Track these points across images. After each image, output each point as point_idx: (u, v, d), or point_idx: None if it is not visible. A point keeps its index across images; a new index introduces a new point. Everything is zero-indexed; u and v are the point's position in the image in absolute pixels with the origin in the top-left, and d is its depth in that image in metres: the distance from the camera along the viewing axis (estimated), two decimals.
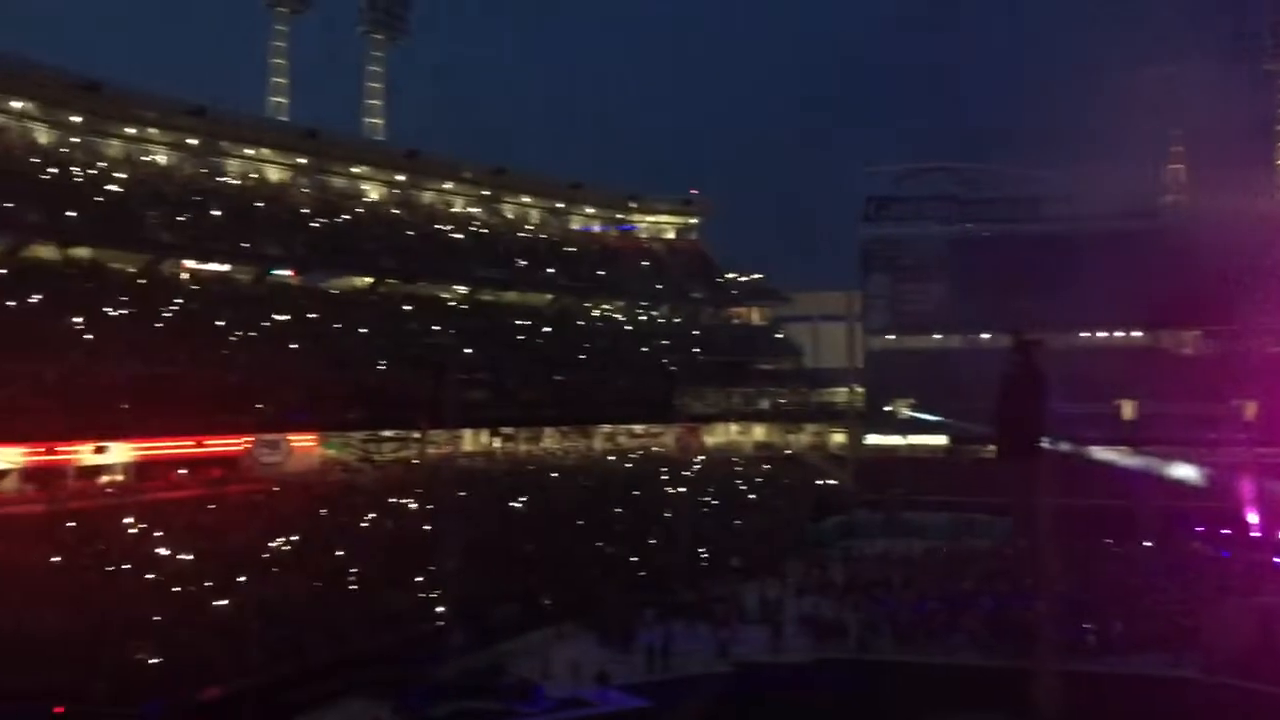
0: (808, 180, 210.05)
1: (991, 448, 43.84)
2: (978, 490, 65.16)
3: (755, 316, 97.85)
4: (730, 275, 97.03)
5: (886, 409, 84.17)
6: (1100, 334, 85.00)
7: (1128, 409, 72.76)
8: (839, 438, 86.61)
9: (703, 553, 55.49)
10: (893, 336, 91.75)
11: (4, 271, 50.35)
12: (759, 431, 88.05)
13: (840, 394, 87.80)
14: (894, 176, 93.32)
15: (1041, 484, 30.41)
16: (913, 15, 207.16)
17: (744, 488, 72.50)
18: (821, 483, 79.02)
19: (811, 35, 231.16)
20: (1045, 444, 29.55)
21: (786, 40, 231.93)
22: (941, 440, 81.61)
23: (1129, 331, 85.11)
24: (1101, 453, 58.71)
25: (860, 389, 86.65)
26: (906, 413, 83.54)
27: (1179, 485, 57.36)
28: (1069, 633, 37.49)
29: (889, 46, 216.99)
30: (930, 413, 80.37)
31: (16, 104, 58.72)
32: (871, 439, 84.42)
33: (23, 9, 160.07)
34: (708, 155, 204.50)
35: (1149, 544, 57.94)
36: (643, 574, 51.29)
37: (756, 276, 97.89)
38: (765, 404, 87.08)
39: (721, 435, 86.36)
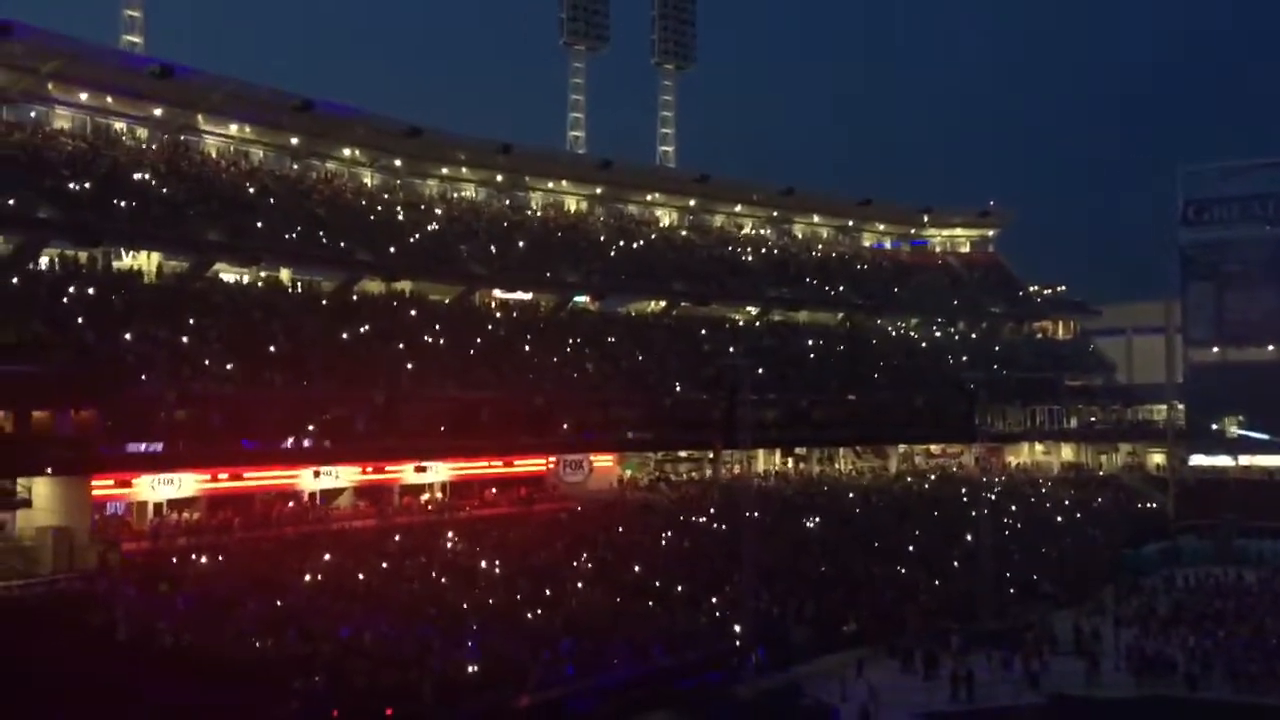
0: (1114, 185, 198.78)
1: None
2: None
3: (1060, 330, 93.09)
4: (1032, 288, 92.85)
5: (1212, 427, 78.15)
6: None
7: None
8: (1158, 458, 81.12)
9: (1008, 578, 53.13)
10: (1217, 349, 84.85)
11: (339, 305, 54.98)
12: (1066, 451, 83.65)
13: (1158, 411, 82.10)
14: (1215, 175, 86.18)
15: None
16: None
17: (1051, 510, 68.89)
18: (1140, 506, 74.03)
19: (1113, 29, 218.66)
20: None
21: (1082, 36, 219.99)
22: (1277, 461, 74.87)
23: None
24: None
25: (1181, 406, 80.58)
26: (1236, 431, 77.60)
27: None
28: None
29: (1202, 37, 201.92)
30: (1264, 431, 74.22)
31: (347, 151, 64.26)
32: (1196, 459, 78.42)
33: (345, 60, 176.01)
34: (1003, 163, 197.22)
35: None
36: (944, 598, 49.65)
37: (1060, 288, 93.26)
38: (1073, 422, 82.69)
39: (1025, 455, 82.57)
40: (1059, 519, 67.20)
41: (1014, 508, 66.67)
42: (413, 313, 57.44)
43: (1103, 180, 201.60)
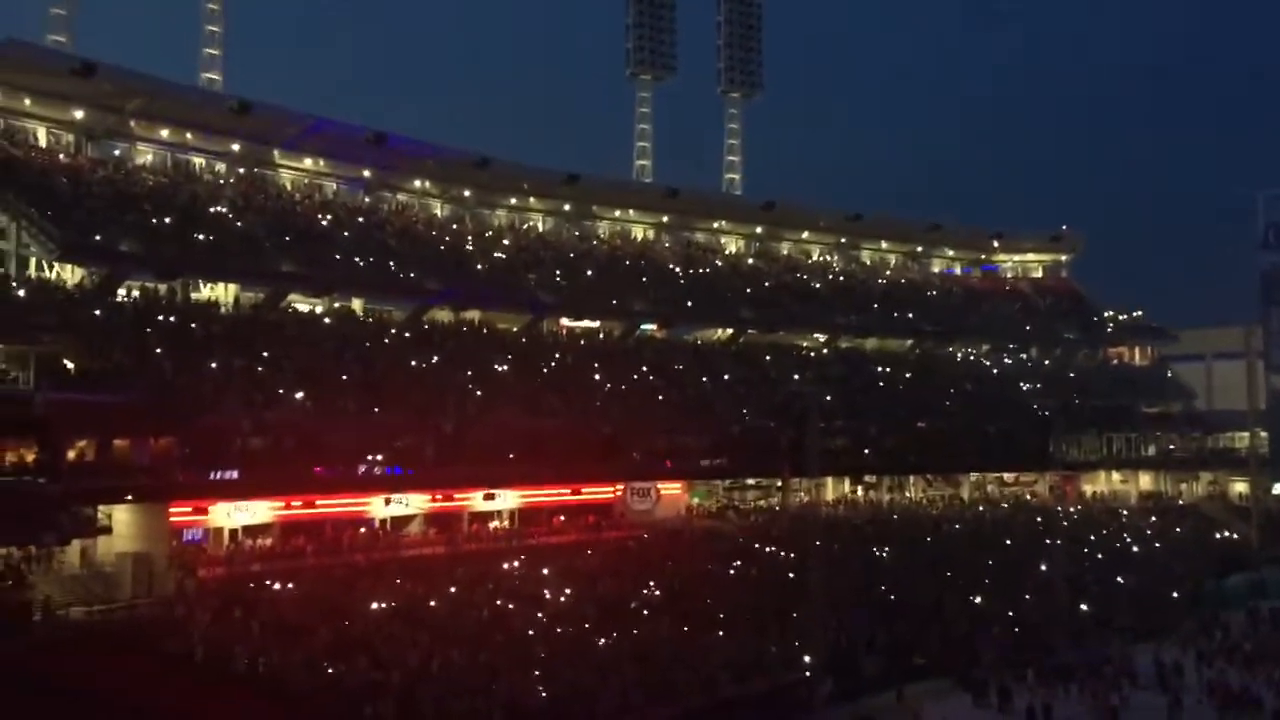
0: (1192, 208, 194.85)
1: None
2: None
3: (1136, 356, 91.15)
4: (1106, 313, 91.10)
5: None
6: None
7: None
8: (1240, 487, 78.90)
9: (1085, 609, 51.96)
10: None
11: (408, 334, 55.71)
12: (1144, 480, 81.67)
13: (1240, 439, 79.90)
14: None
15: None
16: None
17: (1129, 540, 67.30)
18: (1220, 536, 72.04)
19: (1196, 50, 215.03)
20: None
21: (1166, 54, 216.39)
22: None
23: None
24: None
25: (1263, 433, 78.40)
26: None
27: None
28: None
29: None
30: None
31: (418, 183, 65.28)
32: None
33: (414, 93, 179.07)
34: (1078, 187, 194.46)
35: None
36: (1018, 629, 48.70)
37: (1136, 314, 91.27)
38: (1151, 450, 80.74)
39: (1102, 484, 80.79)
40: (1137, 549, 65.64)
41: (1091, 537, 65.27)
42: (481, 341, 57.96)
43: (1181, 203, 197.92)
